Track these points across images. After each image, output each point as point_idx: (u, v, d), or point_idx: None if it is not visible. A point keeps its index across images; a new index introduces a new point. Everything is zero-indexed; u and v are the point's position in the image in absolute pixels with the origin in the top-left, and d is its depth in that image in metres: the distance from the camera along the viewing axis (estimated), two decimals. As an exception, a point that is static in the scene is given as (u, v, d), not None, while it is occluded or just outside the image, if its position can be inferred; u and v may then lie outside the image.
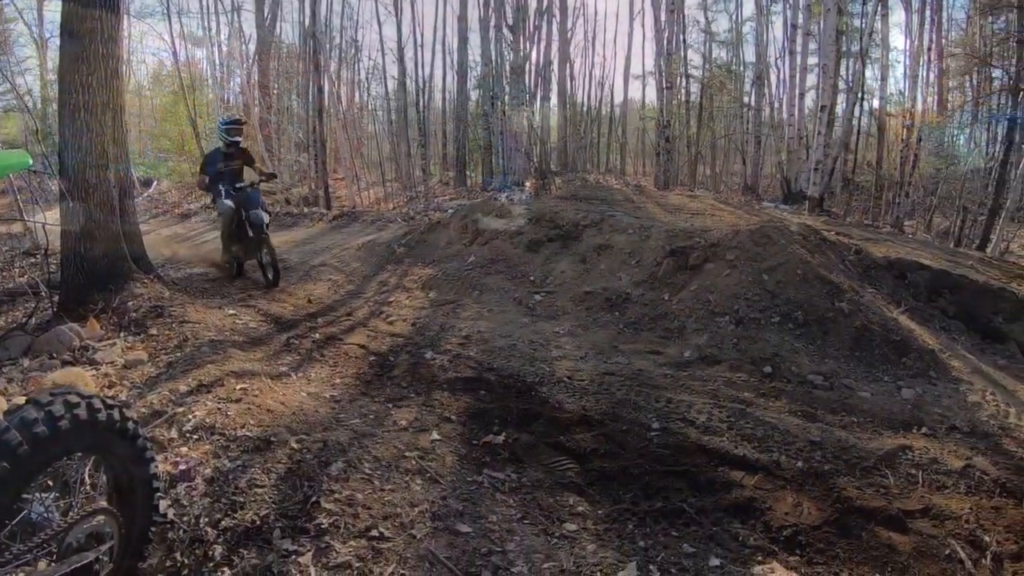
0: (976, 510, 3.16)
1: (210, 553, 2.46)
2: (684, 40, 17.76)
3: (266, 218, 7.56)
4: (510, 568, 2.52)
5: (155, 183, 22.02)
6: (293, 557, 2.44)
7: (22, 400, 1.98)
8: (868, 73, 15.62)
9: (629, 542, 2.80)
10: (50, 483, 2.25)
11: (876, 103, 15.14)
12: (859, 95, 15.66)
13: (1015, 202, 12.88)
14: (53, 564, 1.96)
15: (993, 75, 15.94)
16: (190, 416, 3.34)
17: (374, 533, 2.59)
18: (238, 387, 3.75)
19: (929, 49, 15.93)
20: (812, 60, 17.24)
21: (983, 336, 5.95)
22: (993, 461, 3.69)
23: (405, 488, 2.95)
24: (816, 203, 11.90)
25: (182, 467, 2.93)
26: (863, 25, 15.13)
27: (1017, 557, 2.88)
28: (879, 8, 13.69)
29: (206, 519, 2.61)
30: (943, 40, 16.25)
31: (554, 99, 19.33)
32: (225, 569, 2.39)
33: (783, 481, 3.28)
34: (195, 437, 3.17)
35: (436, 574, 2.44)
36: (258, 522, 2.58)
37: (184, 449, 3.08)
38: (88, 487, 2.53)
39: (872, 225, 11.79)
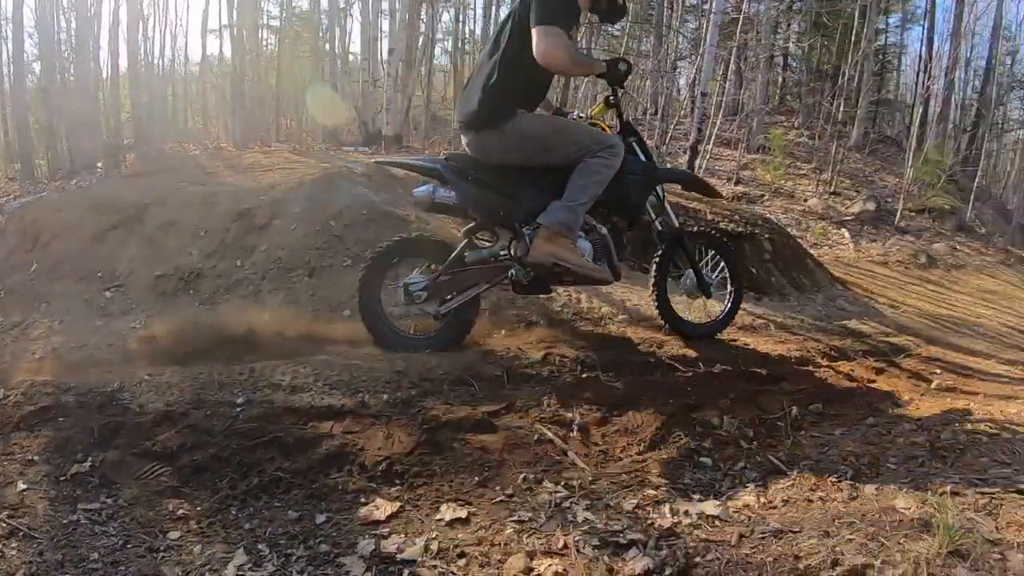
0: (557, 392, 3.55)
1: None
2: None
3: None
4: (118, 603, 2.31)
5: None
6: None
7: None
8: (446, 16, 16.72)
9: (234, 528, 2.69)
10: None
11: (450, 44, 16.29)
12: (432, 36, 16.75)
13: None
14: None
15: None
16: None
17: (-34, 630, 2.15)
18: None
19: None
20: (387, 6, 17.95)
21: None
22: (570, 344, 4.20)
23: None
24: (393, 140, 12.59)
25: None
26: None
27: (601, 422, 3.31)
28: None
29: None
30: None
31: (125, 63, 17.47)
32: None
33: (371, 418, 3.33)
34: None
35: (43, 641, 2.10)
36: None
37: None
38: None
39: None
